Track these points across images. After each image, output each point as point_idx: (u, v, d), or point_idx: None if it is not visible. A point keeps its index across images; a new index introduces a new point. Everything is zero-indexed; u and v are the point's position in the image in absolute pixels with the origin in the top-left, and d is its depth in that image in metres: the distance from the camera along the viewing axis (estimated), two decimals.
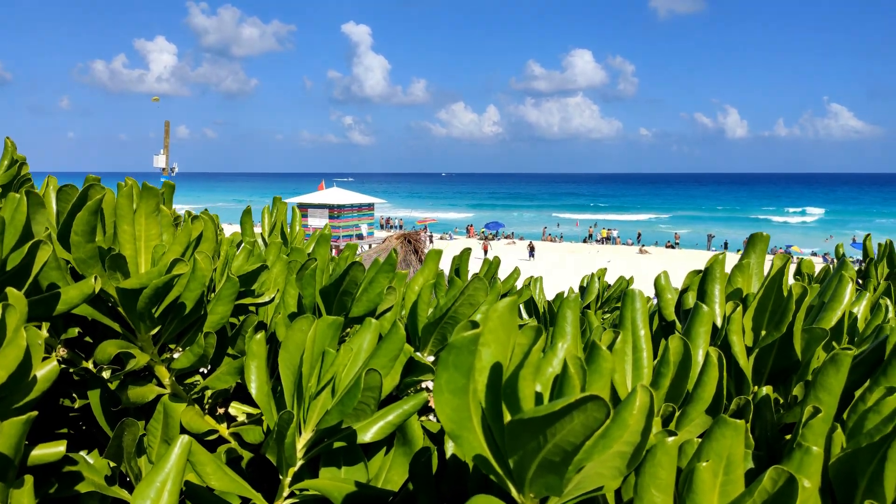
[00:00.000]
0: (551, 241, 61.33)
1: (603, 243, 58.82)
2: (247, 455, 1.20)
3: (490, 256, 1.88)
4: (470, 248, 2.08)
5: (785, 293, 0.88)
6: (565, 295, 2.22)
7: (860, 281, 2.47)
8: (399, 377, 1.03)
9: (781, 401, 0.91)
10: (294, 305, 1.17)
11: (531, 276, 2.23)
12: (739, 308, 0.88)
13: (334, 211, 37.02)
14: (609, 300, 2.32)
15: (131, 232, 1.08)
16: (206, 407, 1.29)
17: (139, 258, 1.11)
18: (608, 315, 2.29)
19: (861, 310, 1.53)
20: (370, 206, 40.05)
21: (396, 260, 1.08)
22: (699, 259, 47.52)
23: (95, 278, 0.94)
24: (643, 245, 55.15)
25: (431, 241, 54.55)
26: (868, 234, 2.54)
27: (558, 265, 41.84)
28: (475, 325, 0.58)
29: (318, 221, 36.91)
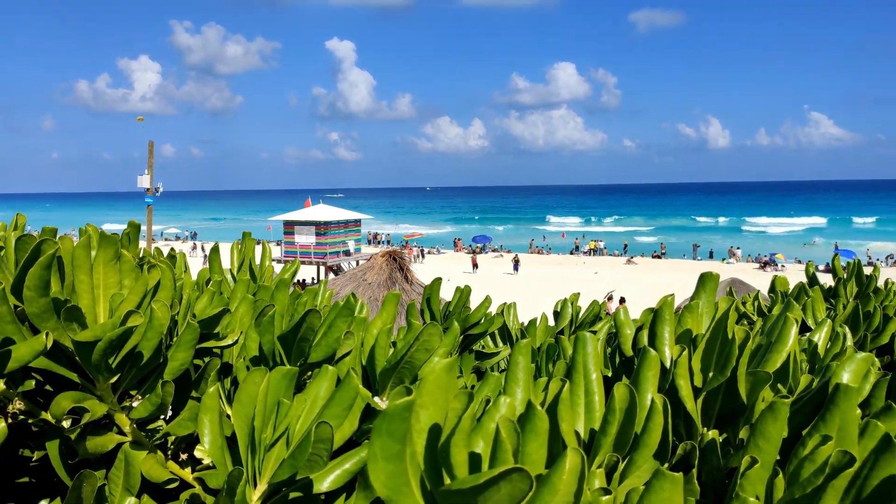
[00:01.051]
0: (538, 253, 61.51)
1: (590, 255, 59.07)
2: (210, 500, 1.19)
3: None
4: (440, 279, 2.10)
5: (731, 334, 0.89)
6: (538, 321, 2.24)
7: (831, 301, 2.51)
8: (357, 423, 1.03)
9: (731, 442, 0.92)
10: (256, 349, 1.17)
11: (504, 304, 2.24)
12: (686, 352, 0.89)
13: (321, 228, 36.92)
14: (583, 325, 2.33)
15: (89, 282, 1.08)
16: (170, 452, 1.28)
17: (97, 308, 1.11)
18: None
19: (822, 337, 1.55)
20: (357, 223, 39.99)
21: (355, 304, 1.09)
22: (685, 268, 47.86)
23: (47, 334, 0.93)
24: (630, 256, 55.44)
25: (423, 256, 54.56)
26: (836, 255, 2.58)
27: (544, 279, 41.92)
28: (409, 390, 0.59)
29: (304, 238, 36.81)
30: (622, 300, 24.50)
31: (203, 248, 61.93)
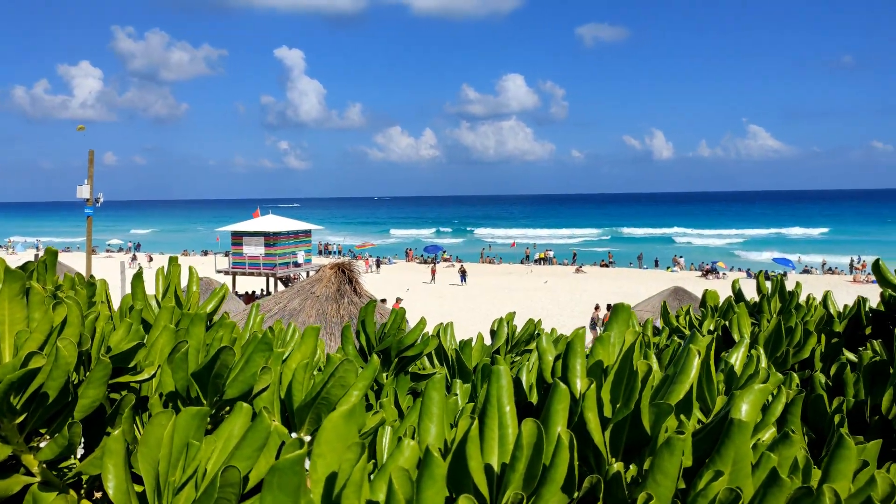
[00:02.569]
0: (490, 262, 61.89)
1: (540, 264, 59.77)
2: None
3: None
4: (375, 301, 2.09)
5: (636, 366, 0.92)
6: (473, 341, 2.25)
7: (756, 317, 2.60)
8: (275, 460, 1.02)
9: (640, 473, 0.94)
10: (172, 384, 1.14)
11: (440, 324, 2.25)
12: (593, 385, 0.91)
13: (270, 238, 36.32)
14: (518, 343, 2.36)
15: None
16: (84, 491, 1.24)
17: (2, 345, 1.07)
18: (518, 358, 2.33)
19: (738, 358, 1.61)
20: (307, 233, 39.50)
21: (272, 337, 1.08)
22: (632, 276, 48.87)
23: None
24: (579, 265, 56.31)
25: (379, 266, 54.17)
26: (762, 271, 2.68)
27: (492, 288, 42.13)
28: (302, 442, 0.59)
29: (253, 249, 36.15)
30: (609, 307, 24.74)
31: (149, 258, 60.18)
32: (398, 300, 29.08)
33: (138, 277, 1.61)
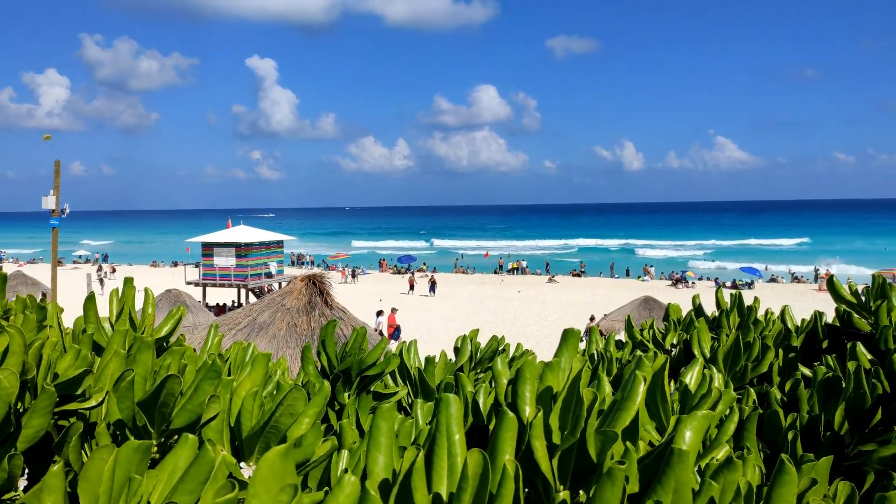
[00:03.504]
0: (463, 272, 61.98)
1: (513, 274, 60.02)
2: None
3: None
4: (335, 321, 2.08)
5: (583, 392, 0.92)
6: (437, 358, 2.25)
7: (716, 332, 2.64)
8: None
9: (590, 500, 0.95)
10: (119, 413, 1.12)
11: (402, 342, 2.24)
12: (540, 414, 0.92)
13: (242, 249, 35.92)
14: (482, 360, 2.36)
15: None
16: None
17: None
18: (482, 374, 2.33)
19: (693, 377, 1.63)
20: (279, 244, 39.14)
21: (220, 366, 1.06)
22: (604, 286, 49.32)
23: None
24: (552, 274, 56.67)
25: (355, 277, 53.87)
26: (719, 287, 2.72)
27: (465, 299, 42.14)
28: (232, 485, 0.58)
29: (224, 260, 35.72)
30: (591, 318, 24.78)
31: (112, 269, 59.14)
32: (394, 311, 28.92)
33: (90, 300, 1.58)
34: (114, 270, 59.73)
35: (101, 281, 47.24)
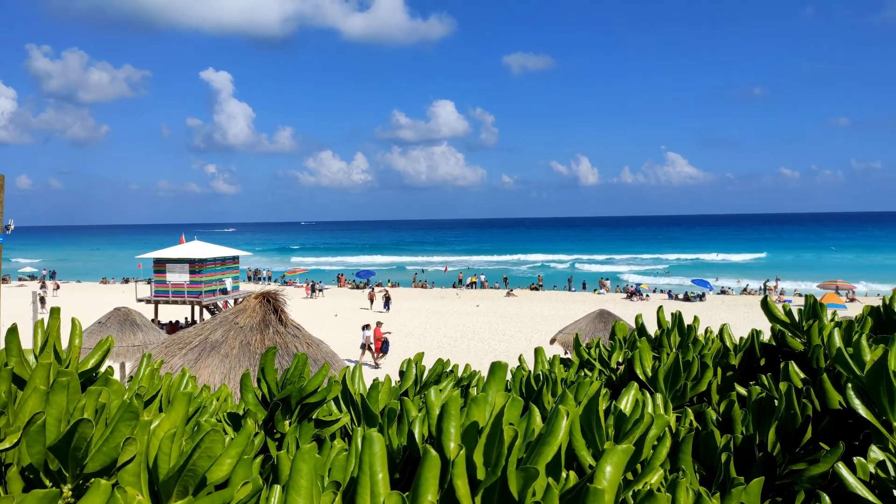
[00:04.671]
0: (422, 287, 61.90)
1: (472, 288, 60.21)
2: None
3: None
4: (274, 348, 2.04)
5: (504, 428, 0.92)
6: (380, 384, 2.23)
7: (657, 351, 2.69)
8: None
9: None
10: (30, 457, 1.08)
11: (346, 367, 2.21)
12: (463, 452, 0.91)
13: (195, 265, 35.14)
14: (427, 384, 2.35)
15: None
16: None
17: None
18: None
19: (628, 402, 1.65)
20: (234, 259, 38.41)
21: (137, 406, 1.03)
22: (561, 299, 49.83)
23: None
24: (510, 288, 57.02)
25: (314, 292, 53.26)
26: (661, 307, 2.77)
27: (425, 313, 42.05)
28: None
29: (177, 277, 34.91)
30: (552, 341, 24.81)
31: (55, 287, 57.29)
32: (379, 325, 28.60)
33: (12, 332, 1.52)
34: (57, 287, 57.82)
35: (42, 300, 45.57)
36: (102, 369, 1.67)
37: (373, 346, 28.12)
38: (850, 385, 1.56)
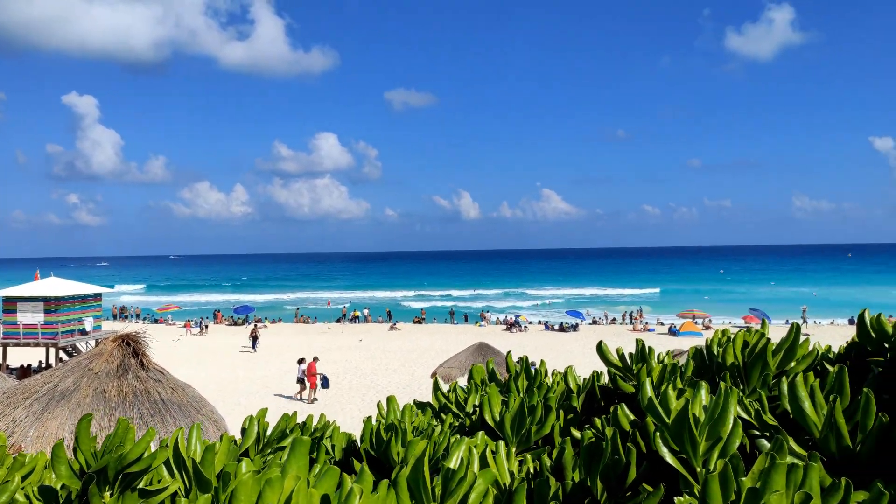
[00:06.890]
0: (304, 322, 60.38)
1: (355, 322, 59.50)
2: None
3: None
4: (90, 415, 1.90)
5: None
6: (217, 444, 2.12)
7: (506, 395, 2.76)
8: None
9: None
10: None
11: (180, 428, 2.09)
12: None
13: (51, 304, 32.28)
14: (270, 442, 2.27)
15: None
16: None
17: None
18: (272, 456, 2.24)
19: (457, 458, 1.67)
20: (97, 297, 35.64)
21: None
22: (443, 331, 50.25)
23: None
24: (394, 322, 56.87)
25: (203, 329, 50.37)
26: (509, 352, 2.86)
27: (302, 350, 40.90)
28: None
29: (30, 317, 31.92)
30: (433, 375, 24.58)
31: None
32: (315, 360, 27.10)
33: None
34: None
35: None
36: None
37: (305, 381, 26.79)
38: (657, 434, 1.66)
